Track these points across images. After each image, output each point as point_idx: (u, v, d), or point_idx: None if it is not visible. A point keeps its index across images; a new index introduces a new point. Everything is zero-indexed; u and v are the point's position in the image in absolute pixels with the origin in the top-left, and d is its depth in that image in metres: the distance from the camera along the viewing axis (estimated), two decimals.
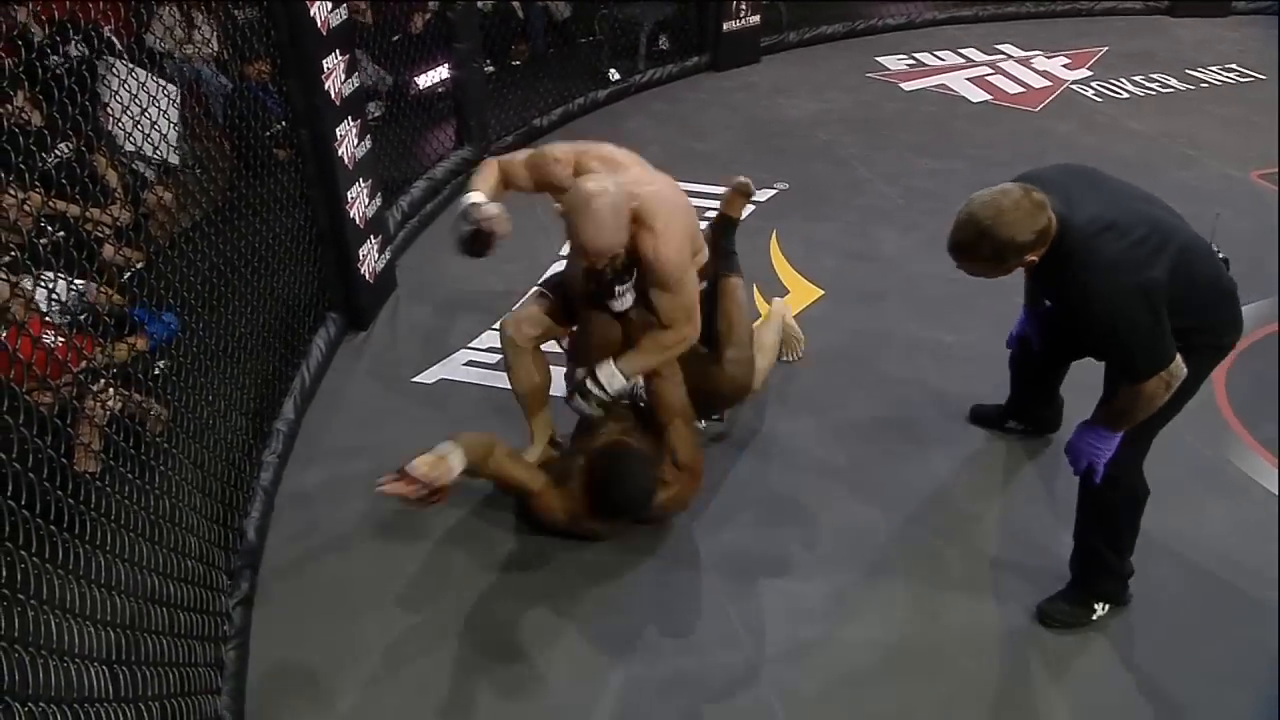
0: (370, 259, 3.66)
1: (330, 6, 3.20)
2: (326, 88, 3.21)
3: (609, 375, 2.57)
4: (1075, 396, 2.58)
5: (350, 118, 3.40)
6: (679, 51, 6.43)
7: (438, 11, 5.23)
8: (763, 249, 4.11)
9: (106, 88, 3.08)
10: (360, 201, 3.53)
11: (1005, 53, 6.79)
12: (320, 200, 3.37)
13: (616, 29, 6.29)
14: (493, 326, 3.65)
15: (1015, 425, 3.09)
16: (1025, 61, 6.63)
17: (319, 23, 3.14)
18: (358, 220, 3.52)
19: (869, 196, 4.74)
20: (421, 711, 2.28)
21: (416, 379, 3.42)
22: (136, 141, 2.83)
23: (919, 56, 6.74)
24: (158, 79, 3.20)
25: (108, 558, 1.94)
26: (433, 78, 5.13)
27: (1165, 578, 2.55)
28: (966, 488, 2.93)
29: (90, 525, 1.92)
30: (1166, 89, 6.16)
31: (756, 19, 6.44)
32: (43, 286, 2.35)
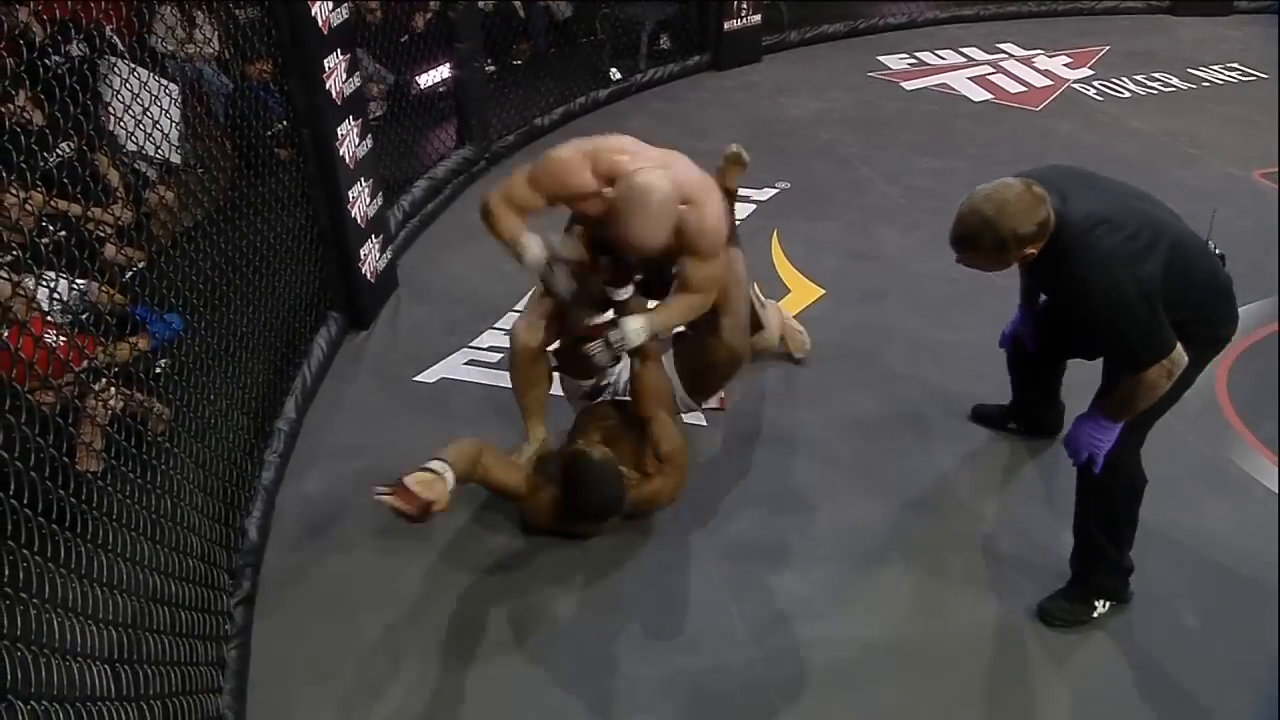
0: (371, 258, 3.67)
1: (331, 6, 3.21)
2: (328, 87, 3.22)
3: (636, 329, 2.56)
4: (1076, 399, 2.58)
5: (351, 117, 3.41)
6: (680, 51, 6.43)
7: (439, 11, 5.23)
8: (764, 248, 4.11)
9: (108, 87, 3.08)
10: (361, 201, 3.53)
11: (1007, 52, 6.79)
12: (321, 200, 3.37)
13: (618, 28, 6.29)
14: (494, 326, 3.67)
15: (1015, 427, 3.09)
16: (1027, 60, 6.62)
17: (320, 22, 3.15)
18: (359, 220, 3.52)
19: (870, 196, 4.74)
20: (422, 709, 2.28)
21: (418, 378, 3.42)
22: (138, 141, 2.84)
23: (920, 56, 6.73)
24: (159, 78, 3.20)
25: (109, 557, 1.94)
26: (434, 77, 5.13)
27: (1166, 576, 2.55)
28: (967, 486, 2.93)
29: (92, 524, 1.92)
30: (1168, 88, 6.15)
31: (758, 18, 6.44)
32: (44, 286, 2.35)
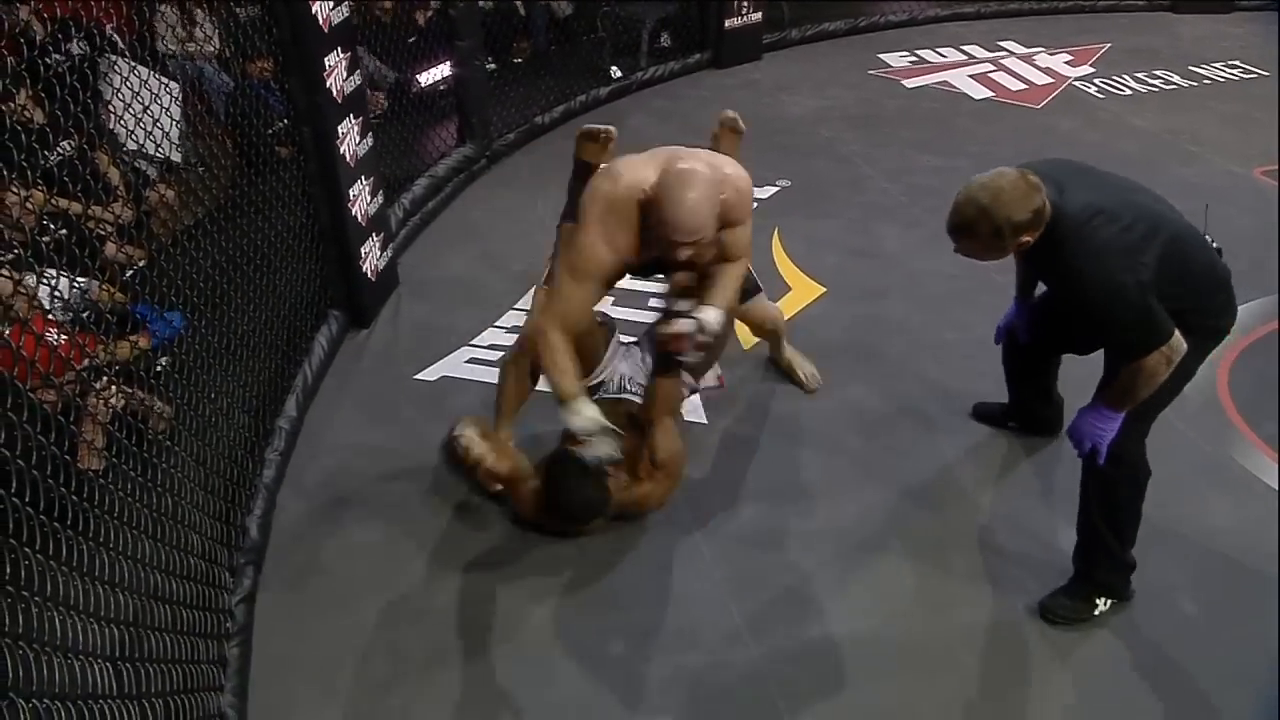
0: (372, 257, 3.67)
1: (332, 4, 3.21)
2: (328, 85, 3.22)
3: (716, 317, 2.55)
4: (1073, 396, 2.58)
5: (352, 115, 3.40)
6: (681, 49, 6.43)
7: (439, 9, 5.23)
8: (765, 246, 4.11)
9: (108, 85, 3.08)
10: (362, 199, 3.53)
11: (1008, 49, 6.79)
12: (322, 198, 3.37)
13: (618, 26, 6.29)
14: (495, 324, 3.66)
15: (1016, 426, 3.09)
16: (1027, 58, 6.62)
17: (320, 20, 3.15)
18: (359, 218, 3.52)
19: (871, 194, 4.73)
20: (424, 708, 2.28)
21: (418, 376, 3.42)
22: (139, 139, 2.84)
23: (921, 53, 6.73)
24: (160, 77, 3.20)
25: (111, 555, 1.94)
26: (434, 75, 5.13)
27: (1167, 574, 2.55)
28: (969, 483, 2.93)
29: (94, 522, 1.92)
30: (1169, 85, 6.15)
31: (758, 16, 6.44)
32: (45, 284, 2.35)
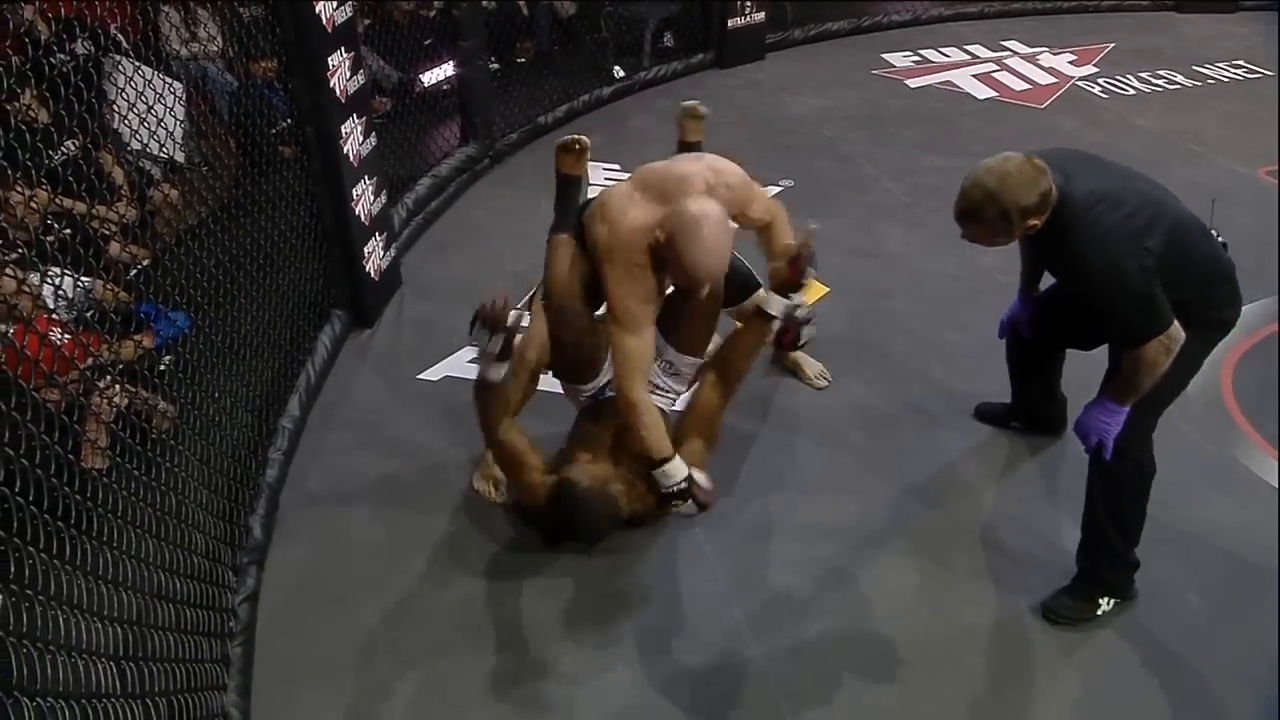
0: (375, 256, 3.67)
1: (335, 4, 3.21)
2: (332, 85, 3.22)
3: (801, 298, 2.59)
4: (1077, 397, 2.57)
5: (355, 115, 3.41)
6: (684, 49, 6.42)
7: (443, 9, 5.23)
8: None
9: (113, 85, 3.09)
10: (365, 199, 3.54)
11: (1011, 49, 6.78)
12: (325, 197, 3.38)
13: (621, 26, 6.28)
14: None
15: (1019, 425, 3.09)
16: (1031, 58, 6.61)
17: (324, 20, 3.15)
18: (363, 217, 3.53)
19: (874, 194, 4.73)
20: (426, 707, 2.29)
21: (421, 376, 3.42)
22: (142, 139, 2.84)
23: (924, 53, 6.72)
24: (164, 76, 3.20)
25: (115, 553, 1.94)
26: (438, 75, 5.13)
27: (1170, 574, 2.55)
28: (972, 482, 2.93)
29: (98, 521, 1.93)
30: (1173, 85, 6.14)
31: (761, 16, 6.43)
32: (49, 283, 2.36)
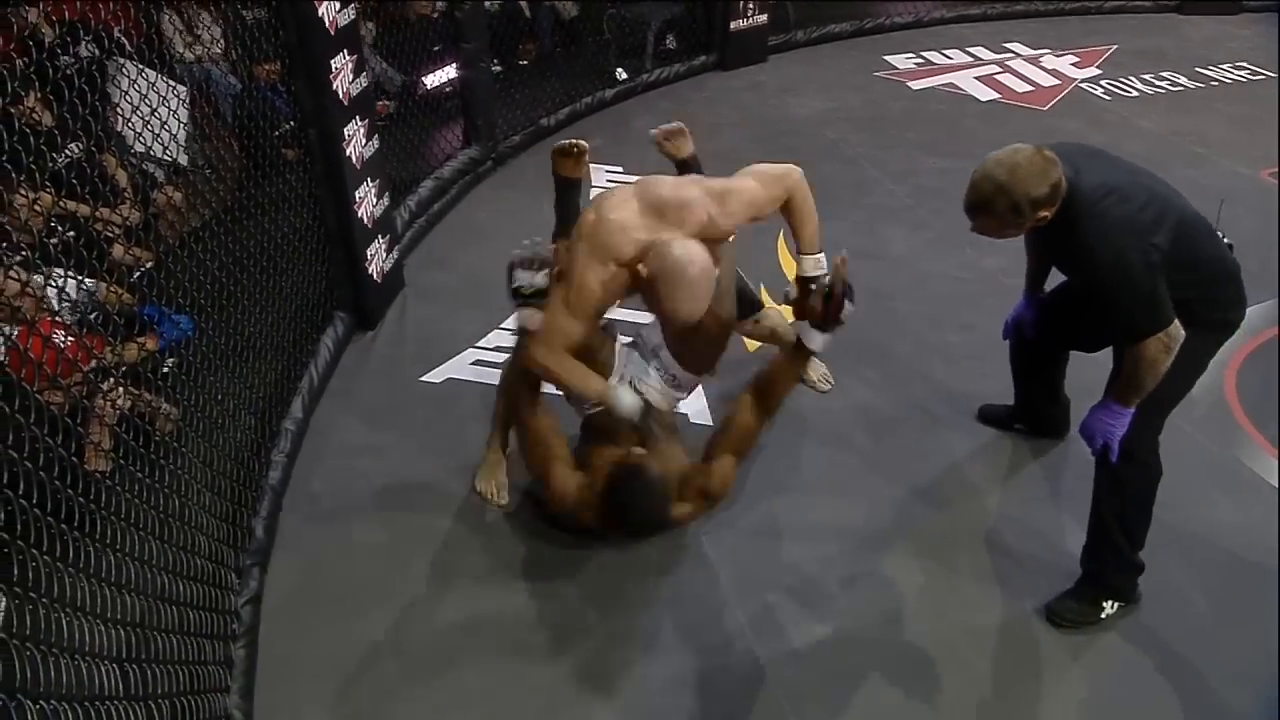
0: (378, 258, 3.67)
1: (339, 6, 3.21)
2: (334, 88, 3.22)
3: (819, 259, 2.55)
4: (1081, 400, 2.57)
5: (358, 117, 3.41)
6: (686, 51, 6.42)
7: (446, 11, 5.23)
8: (770, 248, 4.11)
9: (116, 88, 3.09)
10: (368, 201, 3.54)
11: (1014, 51, 6.78)
12: (328, 200, 3.38)
13: (624, 28, 6.29)
14: (500, 326, 3.66)
15: (1022, 428, 3.08)
16: (1034, 60, 6.61)
17: (327, 23, 3.15)
18: (365, 220, 3.53)
19: (877, 195, 4.73)
20: (429, 708, 2.29)
21: (424, 378, 3.43)
22: (146, 142, 2.85)
23: (927, 55, 6.72)
24: (167, 79, 3.21)
25: (118, 556, 1.94)
26: (440, 77, 5.14)
27: (1174, 577, 2.55)
28: (976, 483, 2.92)
29: (101, 524, 1.93)
30: (1176, 87, 6.14)
31: (764, 18, 6.44)
32: (53, 285, 2.36)
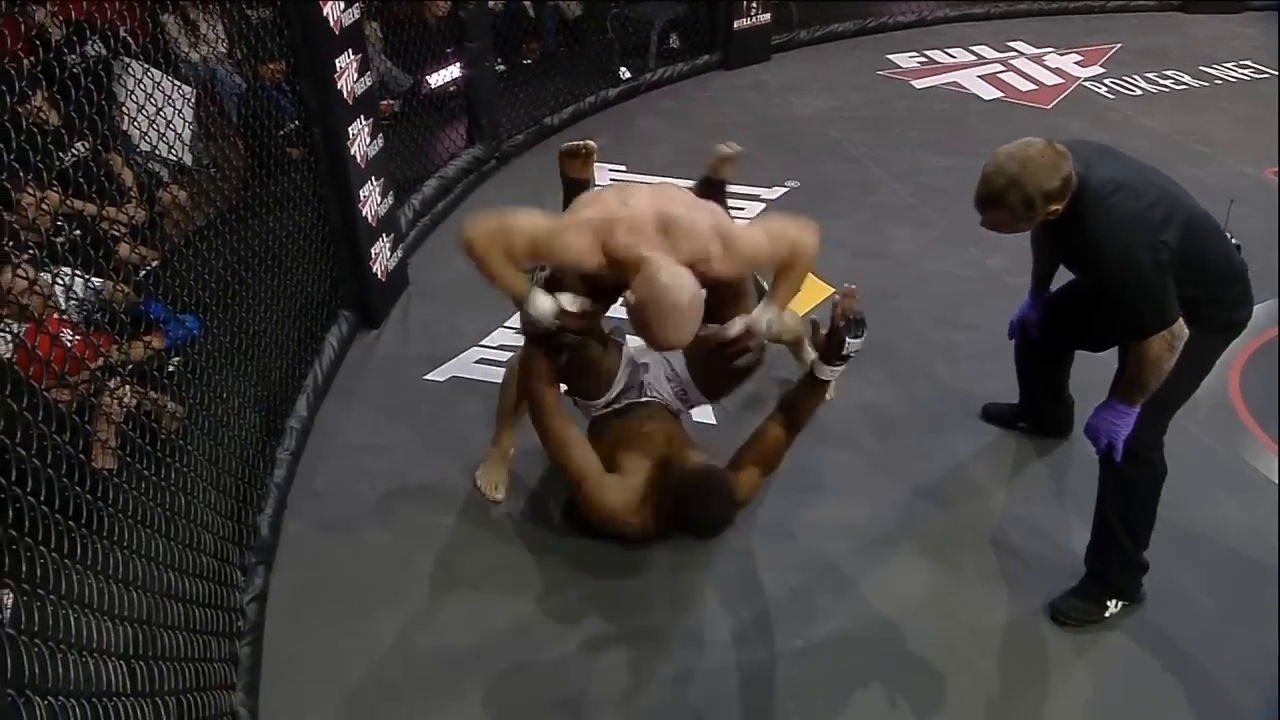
0: (382, 257, 3.68)
1: (343, 6, 3.22)
2: (339, 87, 3.23)
3: (771, 318, 2.43)
4: (1085, 400, 2.58)
5: (362, 116, 3.42)
6: (690, 50, 6.42)
7: (450, 11, 5.24)
8: None
9: (122, 87, 3.10)
10: (372, 200, 3.55)
11: (1017, 50, 6.76)
12: (333, 199, 3.39)
13: (627, 27, 6.29)
14: (504, 324, 3.67)
15: (1026, 427, 3.08)
16: (1037, 59, 6.60)
17: (332, 22, 3.16)
18: (370, 219, 3.54)
19: (880, 194, 4.73)
20: (433, 706, 2.30)
21: (428, 377, 3.43)
22: (151, 141, 2.86)
23: (930, 54, 6.71)
24: (173, 79, 3.22)
25: (124, 553, 1.95)
26: (444, 77, 5.15)
27: (1179, 576, 2.55)
28: (980, 483, 2.93)
29: (108, 521, 1.94)
30: (1180, 86, 6.12)
31: (767, 17, 6.43)
32: (60, 284, 2.37)
